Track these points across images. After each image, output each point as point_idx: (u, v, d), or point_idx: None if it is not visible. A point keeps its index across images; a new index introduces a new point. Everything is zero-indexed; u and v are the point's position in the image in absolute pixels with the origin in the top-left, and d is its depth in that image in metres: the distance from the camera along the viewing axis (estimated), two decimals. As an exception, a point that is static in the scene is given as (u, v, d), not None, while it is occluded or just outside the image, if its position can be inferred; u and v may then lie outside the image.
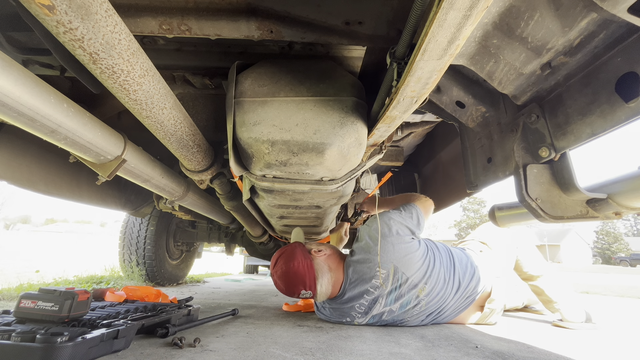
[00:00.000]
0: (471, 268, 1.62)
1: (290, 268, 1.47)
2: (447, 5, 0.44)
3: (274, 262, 1.55)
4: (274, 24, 0.81)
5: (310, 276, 1.48)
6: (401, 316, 1.52)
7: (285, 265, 1.48)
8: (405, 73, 0.61)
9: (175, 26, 0.81)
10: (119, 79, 0.63)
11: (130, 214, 2.38)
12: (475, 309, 1.65)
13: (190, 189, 1.64)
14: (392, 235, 1.51)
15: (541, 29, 0.70)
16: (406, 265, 1.48)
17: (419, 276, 1.49)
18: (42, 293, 0.93)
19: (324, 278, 1.50)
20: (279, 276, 1.50)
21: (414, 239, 1.57)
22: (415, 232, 1.59)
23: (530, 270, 1.80)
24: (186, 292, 2.90)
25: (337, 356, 1.03)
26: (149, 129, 0.87)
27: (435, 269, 1.52)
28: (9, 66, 0.62)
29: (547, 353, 1.18)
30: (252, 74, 0.95)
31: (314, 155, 0.90)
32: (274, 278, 1.54)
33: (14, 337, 0.77)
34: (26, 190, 1.45)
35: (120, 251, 3.15)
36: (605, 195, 0.84)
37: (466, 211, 48.80)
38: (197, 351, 1.02)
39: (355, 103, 0.91)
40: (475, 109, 1.07)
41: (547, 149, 0.85)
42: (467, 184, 1.17)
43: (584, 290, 4.50)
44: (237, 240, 3.23)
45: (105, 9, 0.51)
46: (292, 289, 1.49)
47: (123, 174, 1.14)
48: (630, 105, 0.65)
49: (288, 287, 1.50)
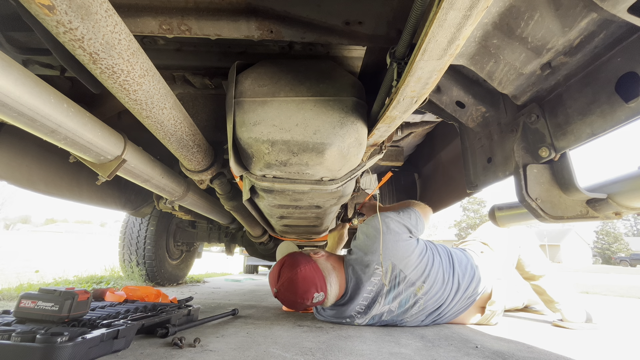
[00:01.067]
0: (471, 269, 1.62)
1: (298, 274, 1.43)
2: (447, 5, 0.44)
3: (276, 276, 1.49)
4: (274, 24, 0.81)
5: (319, 277, 1.45)
6: (400, 316, 1.51)
7: (291, 272, 1.44)
8: (405, 73, 0.61)
9: (175, 26, 0.81)
10: (119, 79, 0.63)
11: (130, 214, 2.38)
12: (475, 311, 1.65)
13: (190, 189, 1.64)
14: (390, 232, 1.51)
15: (541, 29, 0.70)
16: (404, 263, 1.48)
17: (417, 274, 1.49)
18: (42, 293, 0.93)
19: (331, 277, 1.49)
20: (286, 287, 1.44)
21: (411, 237, 1.57)
22: (413, 231, 1.59)
23: (533, 270, 1.80)
24: (186, 292, 2.90)
25: (337, 356, 1.03)
26: (149, 129, 0.87)
27: (434, 268, 1.52)
28: (9, 66, 0.62)
29: (547, 353, 1.18)
30: (252, 74, 0.95)
31: (314, 155, 0.90)
32: (280, 293, 1.46)
33: (14, 337, 0.77)
34: (26, 190, 1.45)
35: (120, 251, 3.15)
36: (605, 195, 0.84)
37: (466, 211, 48.81)
38: (197, 351, 1.02)
39: (355, 103, 0.91)
40: (475, 109, 1.07)
41: (547, 149, 0.85)
42: (467, 184, 1.17)
43: (584, 290, 4.50)
44: (237, 240, 3.23)
45: (105, 9, 0.51)
46: (304, 295, 1.42)
47: (123, 174, 1.14)
48: (630, 105, 0.65)
49: (299, 295, 1.43)
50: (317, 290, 1.43)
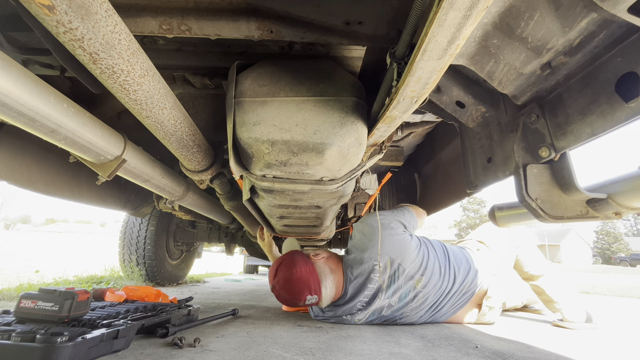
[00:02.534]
0: (467, 263, 1.63)
1: (294, 275, 1.45)
2: (447, 5, 0.44)
3: (273, 273, 1.52)
4: (274, 24, 0.81)
5: (314, 280, 1.46)
6: (400, 310, 1.52)
7: (288, 272, 1.46)
8: (405, 73, 0.61)
9: (175, 26, 0.81)
10: (119, 79, 0.63)
11: (130, 214, 2.38)
12: (473, 307, 1.65)
13: (190, 189, 1.64)
14: (385, 228, 1.52)
15: (541, 29, 0.70)
16: (402, 257, 1.49)
17: (415, 267, 1.50)
18: (42, 293, 0.93)
19: (327, 280, 1.50)
20: (281, 286, 1.47)
21: (405, 231, 1.58)
22: (407, 226, 1.61)
23: (531, 270, 1.80)
24: (186, 292, 2.90)
25: (337, 356, 1.03)
26: (149, 129, 0.87)
27: (430, 261, 1.54)
28: (9, 66, 0.62)
29: (547, 353, 1.18)
30: (252, 74, 0.95)
31: (314, 155, 0.90)
32: (275, 289, 1.50)
33: (14, 337, 0.77)
34: (26, 190, 1.45)
35: (120, 251, 3.15)
36: (605, 195, 0.84)
37: (466, 211, 48.81)
38: (197, 351, 1.02)
39: (355, 103, 0.91)
40: (475, 109, 1.07)
41: (547, 149, 0.85)
42: (467, 184, 1.17)
43: (584, 290, 4.50)
44: (237, 240, 3.23)
45: (105, 9, 0.51)
46: (298, 296, 1.45)
47: (123, 174, 1.14)
48: (630, 105, 0.65)
49: (293, 295, 1.46)
50: (311, 293, 1.45)
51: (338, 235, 2.87)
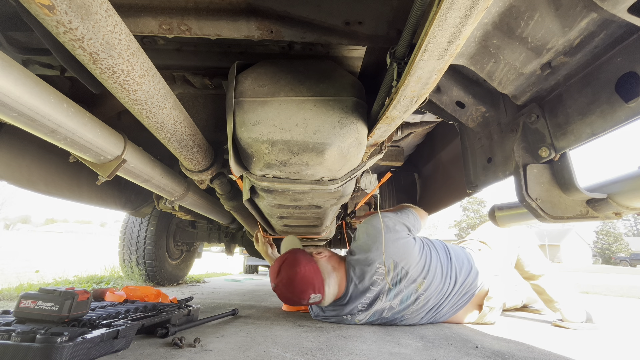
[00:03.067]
0: (468, 263, 1.63)
1: (297, 273, 1.44)
2: (447, 5, 0.44)
3: (275, 272, 1.50)
4: (274, 24, 0.81)
5: (318, 278, 1.46)
6: (401, 312, 1.52)
7: (291, 271, 1.45)
8: (405, 73, 0.61)
9: (175, 26, 0.81)
10: (119, 79, 0.63)
11: (130, 214, 2.38)
12: (473, 307, 1.65)
13: (190, 189, 1.64)
14: (390, 231, 1.52)
15: (541, 29, 0.70)
16: (405, 260, 1.49)
17: (418, 270, 1.50)
18: (42, 293, 0.93)
19: (330, 279, 1.50)
20: (284, 284, 1.46)
21: (409, 234, 1.58)
22: (412, 229, 1.62)
23: (532, 270, 1.80)
24: (186, 292, 2.90)
25: (337, 356, 1.03)
26: (149, 129, 0.87)
27: (433, 263, 1.53)
28: (9, 66, 0.62)
29: (547, 353, 1.18)
30: (252, 74, 0.95)
31: (314, 155, 0.90)
32: (278, 288, 1.49)
33: (14, 337, 0.77)
34: (26, 190, 1.45)
35: (120, 251, 3.15)
36: (605, 195, 0.84)
37: (466, 211, 48.80)
38: (197, 351, 1.02)
39: (355, 103, 0.91)
40: (475, 109, 1.07)
41: (547, 149, 0.85)
42: (467, 184, 1.17)
43: (584, 290, 4.50)
44: (237, 240, 3.23)
45: (105, 9, 0.51)
46: (301, 295, 1.44)
47: (123, 174, 1.14)
48: (630, 105, 0.65)
49: (296, 294, 1.45)
50: (315, 292, 1.45)
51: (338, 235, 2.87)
